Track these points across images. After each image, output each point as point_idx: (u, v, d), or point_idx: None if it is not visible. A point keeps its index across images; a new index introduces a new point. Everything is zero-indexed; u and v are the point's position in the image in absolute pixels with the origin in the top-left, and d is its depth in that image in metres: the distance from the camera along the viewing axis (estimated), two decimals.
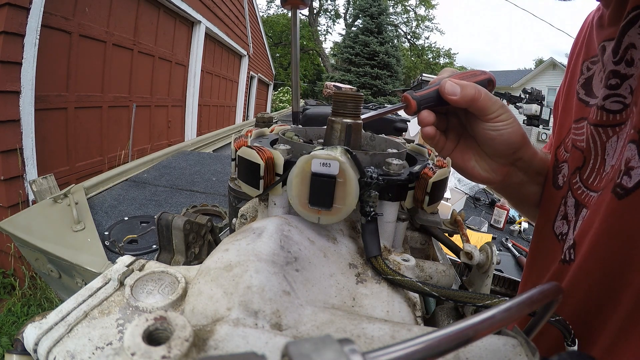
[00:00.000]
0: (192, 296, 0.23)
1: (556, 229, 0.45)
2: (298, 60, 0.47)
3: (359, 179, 0.29)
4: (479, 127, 0.43)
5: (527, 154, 0.46)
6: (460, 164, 0.48)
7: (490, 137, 0.43)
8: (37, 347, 0.22)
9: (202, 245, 0.61)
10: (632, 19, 0.35)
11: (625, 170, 0.32)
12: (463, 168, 0.48)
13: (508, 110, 0.42)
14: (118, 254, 1.16)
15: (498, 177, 0.47)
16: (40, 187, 1.52)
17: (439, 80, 0.43)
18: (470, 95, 0.40)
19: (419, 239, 0.44)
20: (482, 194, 2.39)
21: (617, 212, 0.32)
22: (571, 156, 0.44)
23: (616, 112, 0.37)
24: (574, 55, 0.51)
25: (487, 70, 0.48)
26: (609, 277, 0.34)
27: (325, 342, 0.12)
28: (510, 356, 0.20)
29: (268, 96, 13.73)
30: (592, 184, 0.39)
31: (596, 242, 0.34)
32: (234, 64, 7.70)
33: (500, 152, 0.44)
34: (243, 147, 0.32)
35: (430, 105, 0.43)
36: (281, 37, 21.42)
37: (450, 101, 0.41)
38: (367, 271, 0.30)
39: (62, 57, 2.71)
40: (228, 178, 0.60)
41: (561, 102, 0.52)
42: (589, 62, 0.45)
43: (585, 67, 0.46)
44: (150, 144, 4.21)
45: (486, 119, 0.42)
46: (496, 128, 0.42)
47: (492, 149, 0.44)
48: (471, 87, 0.41)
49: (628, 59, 0.36)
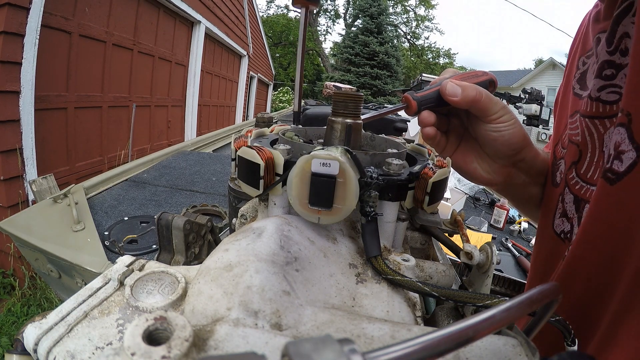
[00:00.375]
0: (192, 296, 0.23)
1: (556, 228, 0.45)
2: (303, 60, 0.47)
3: (359, 179, 0.29)
4: (481, 128, 0.43)
5: (529, 155, 0.46)
6: (462, 165, 0.48)
7: (491, 138, 0.43)
8: (37, 347, 0.22)
9: (202, 245, 0.61)
10: (625, 8, 0.35)
11: (616, 154, 0.31)
12: (464, 169, 0.48)
13: (509, 111, 0.42)
14: (118, 254, 1.16)
15: (500, 179, 0.47)
16: (40, 187, 1.52)
17: (440, 80, 0.43)
18: (472, 97, 0.40)
19: (419, 239, 0.43)
20: (482, 194, 2.39)
21: (610, 198, 0.32)
22: (567, 152, 0.44)
23: (612, 103, 0.36)
24: (572, 53, 0.51)
25: (488, 71, 0.48)
26: (604, 266, 0.33)
27: (325, 342, 0.12)
28: (510, 356, 0.20)
29: (268, 96, 13.74)
30: (592, 177, 0.38)
31: (590, 230, 0.34)
32: (233, 64, 7.71)
33: (502, 153, 0.44)
34: (243, 147, 0.32)
35: (430, 105, 0.43)
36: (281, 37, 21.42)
37: (451, 102, 0.41)
38: (367, 271, 0.30)
39: (62, 57, 2.71)
40: (228, 178, 0.60)
41: (560, 100, 0.52)
42: (584, 57, 0.45)
43: (581, 62, 0.46)
44: (150, 144, 4.21)
45: (487, 120, 0.42)
46: (498, 129, 0.42)
47: (493, 150, 0.44)
48: (472, 88, 0.40)
49: (622, 49, 0.35)
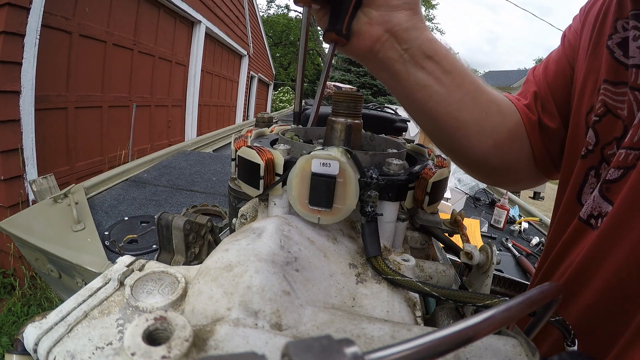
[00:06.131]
0: (192, 296, 0.23)
1: (585, 202, 0.41)
2: (305, 60, 0.47)
3: (359, 179, 0.29)
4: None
5: (410, 22, 0.41)
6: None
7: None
8: (37, 347, 0.22)
9: (202, 245, 0.61)
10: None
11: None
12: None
13: None
14: (118, 254, 1.16)
15: (368, 42, 0.42)
16: (40, 187, 1.52)
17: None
18: None
19: (419, 239, 0.43)
20: (482, 194, 2.39)
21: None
22: (605, 124, 0.39)
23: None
24: (594, 11, 0.45)
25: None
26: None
27: (325, 342, 0.12)
28: (510, 356, 0.20)
29: (268, 96, 13.74)
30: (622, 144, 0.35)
31: (630, 200, 0.32)
32: (234, 64, 7.71)
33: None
34: (243, 147, 0.32)
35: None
36: (281, 37, 21.40)
37: None
38: (367, 271, 0.30)
39: (62, 57, 2.71)
40: (228, 178, 0.60)
41: (580, 59, 0.46)
42: (623, 22, 0.40)
43: (620, 25, 0.40)
44: (150, 143, 4.21)
45: None
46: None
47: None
48: None
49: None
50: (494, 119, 0.48)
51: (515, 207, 2.17)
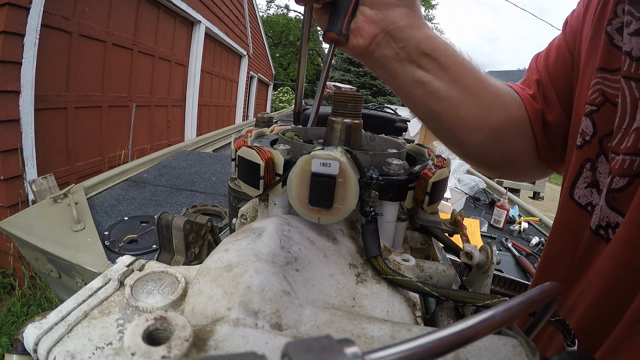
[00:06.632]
0: (192, 296, 0.23)
1: (579, 198, 0.39)
2: (305, 60, 0.47)
3: (359, 179, 0.29)
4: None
5: (406, 20, 0.41)
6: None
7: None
8: (37, 347, 0.22)
9: (202, 245, 0.61)
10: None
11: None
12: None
13: None
14: (118, 254, 1.16)
15: (364, 41, 0.42)
16: (40, 187, 1.52)
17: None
18: None
19: (419, 239, 0.43)
20: (482, 193, 2.39)
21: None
22: (602, 114, 0.37)
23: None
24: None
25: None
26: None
27: (325, 342, 0.12)
28: (510, 356, 0.20)
29: (268, 96, 13.74)
30: (619, 146, 0.34)
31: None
32: (233, 64, 7.71)
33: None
34: (243, 147, 0.32)
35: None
36: (281, 37, 21.38)
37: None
38: (367, 271, 0.30)
39: (62, 56, 2.71)
40: (228, 178, 0.60)
41: (579, 45, 0.45)
42: (624, 6, 0.38)
43: (620, 10, 0.38)
44: (150, 143, 4.21)
45: None
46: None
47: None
48: None
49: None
50: (497, 114, 0.47)
51: (515, 207, 2.17)
